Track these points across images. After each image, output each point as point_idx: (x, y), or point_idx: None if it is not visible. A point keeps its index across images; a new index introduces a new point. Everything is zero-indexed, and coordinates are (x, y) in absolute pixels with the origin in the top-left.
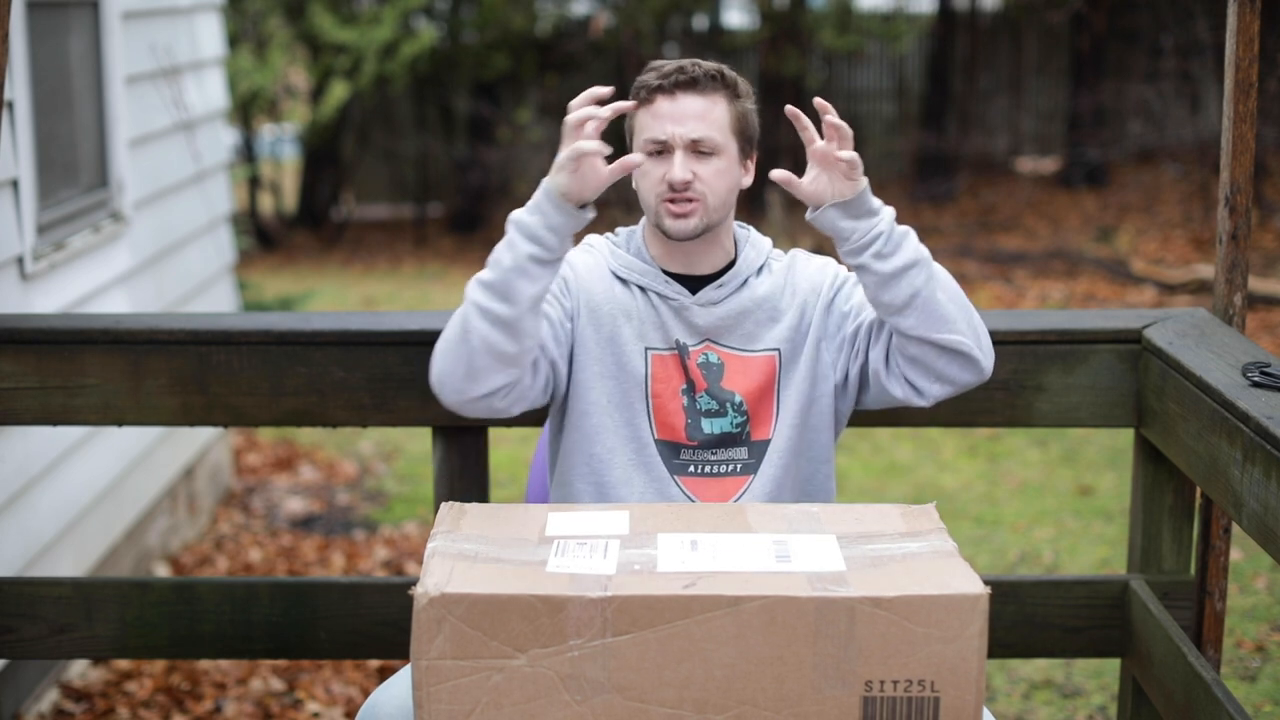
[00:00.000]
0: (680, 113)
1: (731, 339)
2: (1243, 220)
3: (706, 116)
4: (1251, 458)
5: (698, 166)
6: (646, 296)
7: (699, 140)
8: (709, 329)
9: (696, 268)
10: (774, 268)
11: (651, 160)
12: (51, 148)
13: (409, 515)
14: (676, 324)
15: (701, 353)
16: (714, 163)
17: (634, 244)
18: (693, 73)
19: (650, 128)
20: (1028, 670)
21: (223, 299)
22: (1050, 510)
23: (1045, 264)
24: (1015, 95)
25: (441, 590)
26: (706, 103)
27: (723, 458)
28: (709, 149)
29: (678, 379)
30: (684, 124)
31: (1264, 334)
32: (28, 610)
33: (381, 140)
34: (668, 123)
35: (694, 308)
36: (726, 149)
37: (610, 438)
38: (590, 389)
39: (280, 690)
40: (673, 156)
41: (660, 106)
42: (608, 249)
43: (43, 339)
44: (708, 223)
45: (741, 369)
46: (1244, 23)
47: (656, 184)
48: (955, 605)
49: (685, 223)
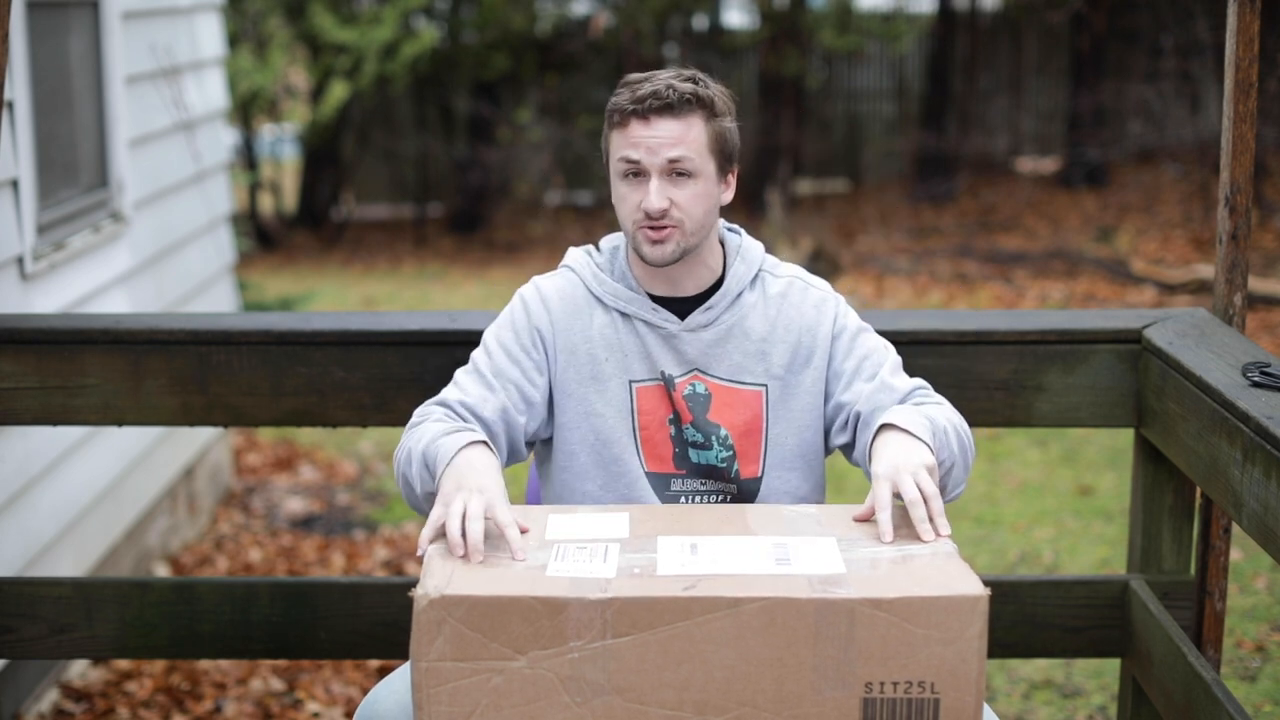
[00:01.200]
0: (655, 138)
1: (720, 369)
2: (1243, 220)
3: (683, 140)
4: (1251, 458)
5: (674, 191)
6: (631, 324)
7: (676, 161)
8: (697, 358)
9: (681, 288)
10: (768, 287)
11: (627, 184)
12: (51, 148)
13: (409, 515)
14: (664, 353)
15: (689, 383)
16: (691, 186)
17: (618, 265)
18: (668, 97)
19: (624, 150)
20: (1028, 670)
21: (223, 299)
22: (1050, 510)
23: (1045, 264)
24: (1015, 95)
25: (442, 592)
26: (682, 126)
27: (713, 488)
28: (685, 171)
29: (664, 409)
30: (658, 152)
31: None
32: (28, 610)
33: (381, 140)
34: (642, 148)
35: (683, 335)
36: (703, 170)
37: (600, 474)
38: (575, 429)
39: (280, 690)
40: (648, 182)
41: (634, 131)
42: (590, 272)
43: (43, 339)
44: (685, 247)
45: (729, 401)
46: (1244, 23)
47: (633, 210)
48: (955, 606)
49: (663, 249)
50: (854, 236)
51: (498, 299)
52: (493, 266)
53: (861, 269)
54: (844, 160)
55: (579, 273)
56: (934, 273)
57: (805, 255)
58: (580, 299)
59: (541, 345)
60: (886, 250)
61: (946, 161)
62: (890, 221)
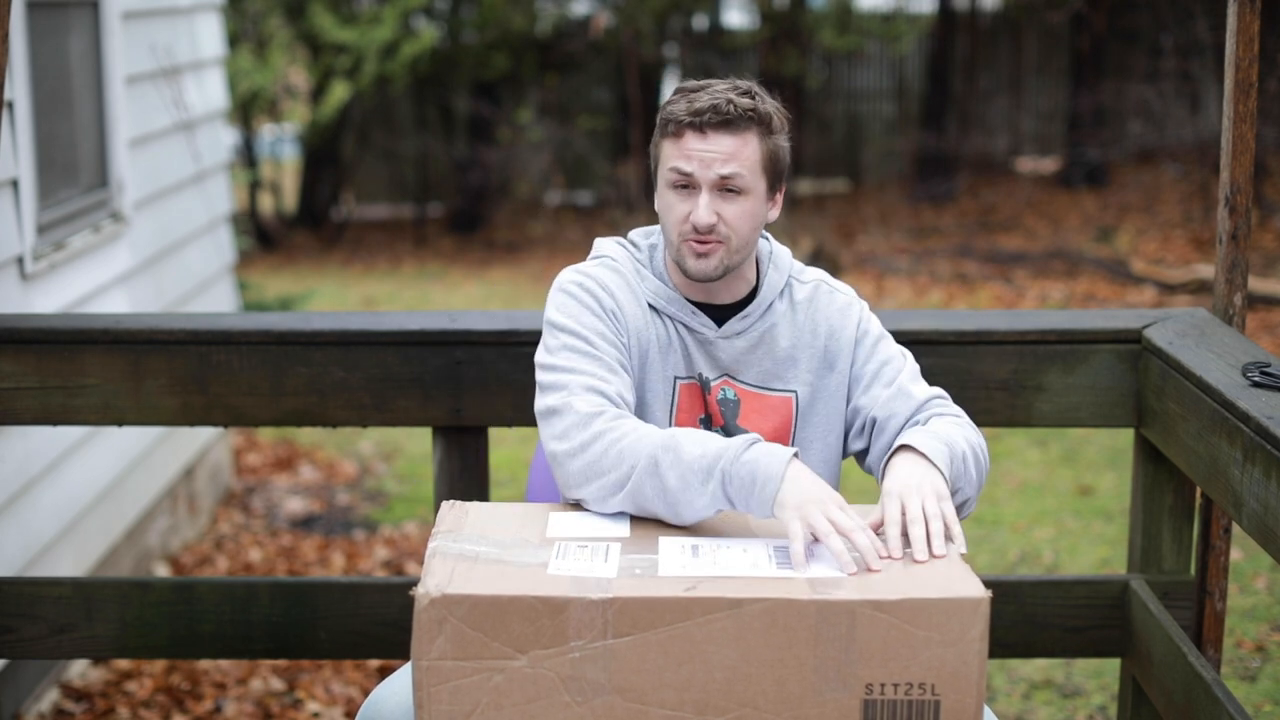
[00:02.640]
0: (710, 153)
1: (749, 375)
2: (1243, 220)
3: (736, 157)
4: (1251, 458)
5: (723, 207)
6: (674, 326)
7: (728, 178)
8: (729, 364)
9: (718, 298)
10: (795, 294)
11: (676, 194)
12: (51, 148)
13: (409, 515)
14: (700, 356)
15: (720, 388)
16: (740, 203)
17: (656, 265)
18: (727, 112)
19: (677, 161)
20: (1028, 670)
21: (223, 299)
22: (1050, 510)
23: (1045, 264)
24: (1015, 95)
25: (443, 591)
26: (738, 142)
27: None
28: (736, 188)
29: (698, 409)
30: (711, 166)
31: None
32: (28, 610)
33: (381, 140)
34: (695, 161)
35: (719, 341)
36: (754, 188)
37: None
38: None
39: (280, 690)
40: (698, 195)
41: (689, 143)
42: (633, 268)
43: (43, 339)
44: (729, 265)
45: (758, 407)
46: (1244, 23)
47: (680, 222)
48: (956, 608)
49: (706, 263)
50: (854, 236)
51: (498, 299)
52: (493, 266)
53: (861, 269)
54: (844, 160)
55: (621, 265)
56: (934, 273)
57: (805, 255)
58: (630, 288)
59: (620, 326)
60: (886, 250)
61: (946, 161)
62: (890, 221)
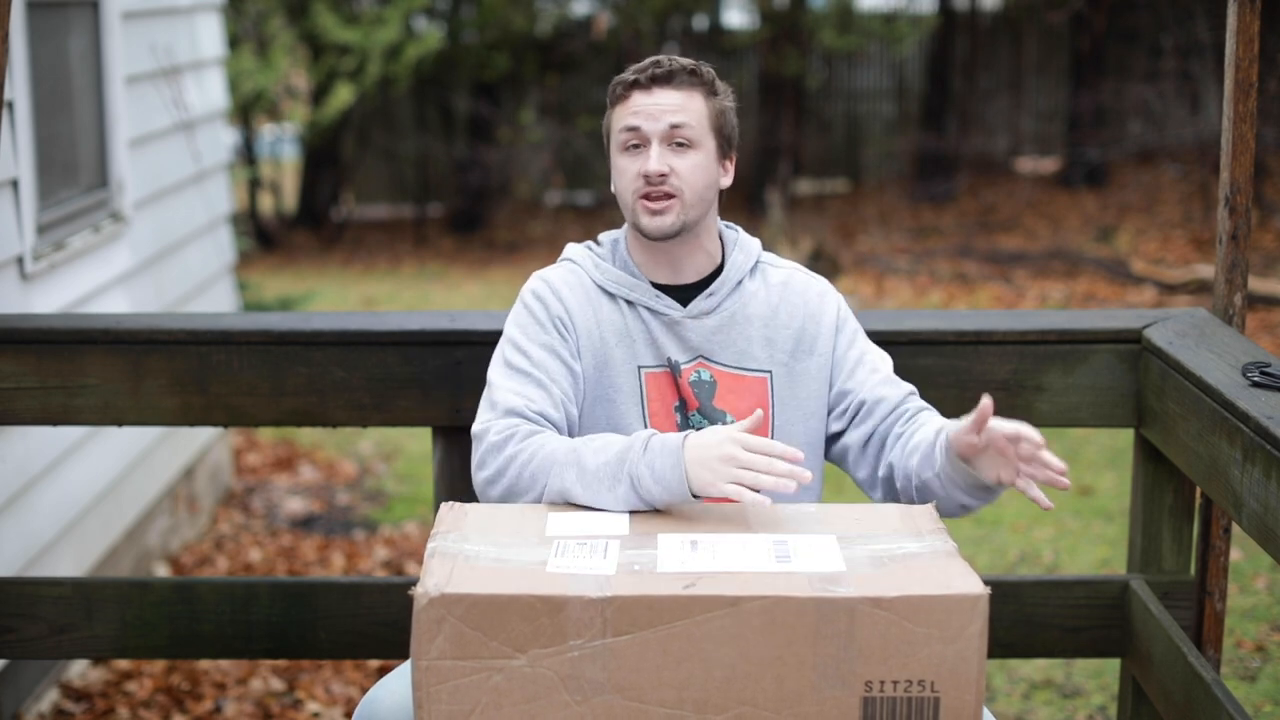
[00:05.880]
0: (657, 105)
1: (724, 355)
2: (1243, 220)
3: (684, 109)
4: (1251, 458)
5: (674, 159)
6: (636, 311)
7: (677, 127)
8: (701, 345)
9: (682, 275)
10: (769, 276)
11: (628, 156)
12: (51, 148)
13: (409, 515)
14: (669, 340)
15: (694, 370)
16: (691, 156)
17: (619, 254)
18: (669, 66)
19: (625, 119)
20: (1028, 670)
21: (223, 299)
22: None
23: (1045, 264)
24: (1015, 95)
25: (442, 590)
26: (683, 96)
27: None
28: (685, 139)
29: (671, 396)
30: (659, 118)
31: (1264, 334)
32: (28, 610)
33: (382, 140)
34: (643, 115)
35: (686, 322)
36: (704, 143)
37: None
38: (589, 415)
39: (280, 690)
40: (649, 149)
41: (636, 101)
42: (591, 263)
43: (43, 339)
44: (685, 220)
45: (733, 388)
46: (1244, 23)
47: (633, 180)
48: (955, 605)
49: (662, 219)
50: (854, 236)
51: (498, 299)
52: (493, 266)
53: (861, 269)
54: (844, 160)
55: (580, 263)
56: (934, 273)
57: (805, 255)
58: (586, 288)
59: (567, 332)
60: (886, 250)
61: (946, 161)
62: (890, 221)
